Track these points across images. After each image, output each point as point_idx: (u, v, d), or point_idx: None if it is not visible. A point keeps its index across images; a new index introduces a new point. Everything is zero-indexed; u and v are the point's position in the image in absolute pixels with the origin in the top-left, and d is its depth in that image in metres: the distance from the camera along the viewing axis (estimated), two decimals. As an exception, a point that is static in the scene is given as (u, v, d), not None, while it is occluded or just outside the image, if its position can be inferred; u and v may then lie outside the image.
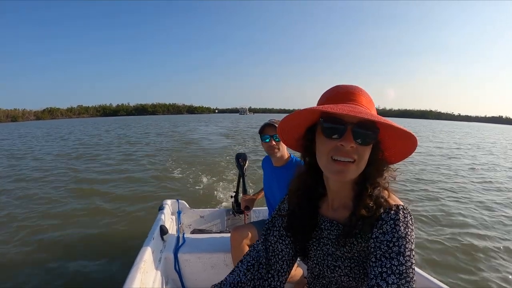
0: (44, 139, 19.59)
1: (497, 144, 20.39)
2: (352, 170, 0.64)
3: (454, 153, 13.79)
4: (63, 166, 9.00)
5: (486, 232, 4.08)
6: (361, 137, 0.62)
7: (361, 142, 0.62)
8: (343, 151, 0.62)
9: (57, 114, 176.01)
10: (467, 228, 4.22)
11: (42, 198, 5.56)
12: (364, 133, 0.62)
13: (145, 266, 1.62)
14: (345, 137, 0.62)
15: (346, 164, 0.63)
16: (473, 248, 3.60)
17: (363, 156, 0.64)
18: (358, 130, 0.61)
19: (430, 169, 8.87)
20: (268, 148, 1.82)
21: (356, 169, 0.64)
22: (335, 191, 0.74)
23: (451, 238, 3.84)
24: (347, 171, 0.63)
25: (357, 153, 0.63)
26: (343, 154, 0.62)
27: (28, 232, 3.96)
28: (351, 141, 0.61)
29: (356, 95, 0.65)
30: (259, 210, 2.71)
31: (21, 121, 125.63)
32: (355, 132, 0.61)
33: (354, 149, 0.62)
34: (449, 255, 3.43)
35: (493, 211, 5.05)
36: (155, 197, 5.42)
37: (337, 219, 0.73)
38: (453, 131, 39.18)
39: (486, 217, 4.70)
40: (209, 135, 20.91)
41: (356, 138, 0.62)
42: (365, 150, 0.63)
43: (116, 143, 15.81)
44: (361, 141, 0.62)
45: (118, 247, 3.47)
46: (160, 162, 9.50)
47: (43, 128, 38.25)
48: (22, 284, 2.82)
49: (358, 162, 0.63)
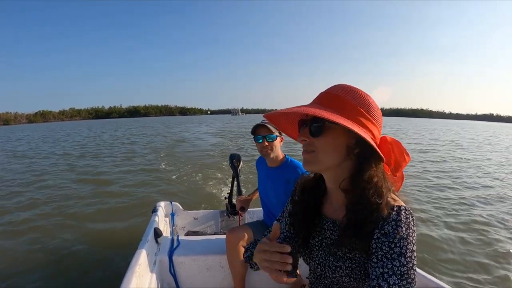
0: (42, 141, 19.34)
1: (474, 140, 21.19)
2: (312, 159, 0.69)
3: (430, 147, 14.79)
4: (54, 169, 8.89)
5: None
6: (312, 131, 0.68)
7: (312, 134, 0.68)
8: (302, 144, 0.71)
9: (50, 117, 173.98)
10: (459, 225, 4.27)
11: (32, 200, 5.51)
12: (313, 126, 0.68)
13: (140, 270, 1.60)
14: (301, 133, 0.71)
15: (306, 153, 0.70)
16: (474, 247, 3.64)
17: (321, 146, 0.68)
18: (311, 125, 0.68)
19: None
20: (262, 149, 1.80)
21: (318, 159, 0.69)
22: (331, 190, 0.75)
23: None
24: (308, 160, 0.70)
25: (313, 145, 0.68)
26: (303, 147, 0.71)
27: (19, 235, 3.91)
28: (302, 135, 0.70)
29: (323, 95, 0.71)
30: (254, 211, 2.70)
31: (13, 125, 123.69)
32: (310, 127, 0.69)
33: (308, 142, 0.69)
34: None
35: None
36: (148, 199, 5.36)
37: (338, 219, 0.74)
38: (439, 128, 39.95)
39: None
40: (201, 135, 20.92)
41: (311, 132, 0.69)
42: (320, 141, 0.68)
43: (108, 145, 15.68)
44: (312, 133, 0.68)
45: (111, 250, 3.41)
46: (153, 164, 9.43)
47: (38, 131, 37.75)
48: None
49: (317, 153, 0.68)
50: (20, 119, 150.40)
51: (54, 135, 27.34)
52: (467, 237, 3.86)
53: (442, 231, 4.00)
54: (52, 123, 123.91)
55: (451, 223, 4.32)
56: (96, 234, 3.92)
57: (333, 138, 0.67)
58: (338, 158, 0.68)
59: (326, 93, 0.70)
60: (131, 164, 9.54)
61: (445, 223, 4.29)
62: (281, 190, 1.80)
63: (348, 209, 0.69)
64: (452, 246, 3.59)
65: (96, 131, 31.64)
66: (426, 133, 27.01)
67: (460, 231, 4.03)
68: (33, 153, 13.34)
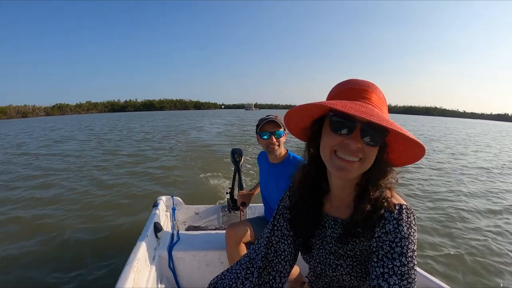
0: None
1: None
2: (356, 169, 0.62)
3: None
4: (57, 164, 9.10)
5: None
6: (369, 137, 0.60)
7: (369, 142, 0.60)
8: (349, 149, 0.60)
9: (67, 110, 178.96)
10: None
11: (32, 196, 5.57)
12: (372, 133, 0.59)
13: (139, 265, 1.59)
14: (353, 136, 0.60)
15: (350, 162, 0.61)
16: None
17: (369, 156, 0.62)
18: (367, 130, 0.59)
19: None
20: (268, 145, 1.77)
21: (360, 169, 0.63)
22: (338, 188, 0.72)
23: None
24: (351, 169, 0.61)
25: (363, 153, 0.61)
26: (348, 152, 0.60)
27: (17, 229, 3.97)
28: (358, 140, 0.59)
29: (369, 93, 0.63)
30: (255, 206, 2.67)
31: (31, 117, 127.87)
32: (364, 131, 0.59)
33: (360, 148, 0.60)
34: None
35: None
36: (149, 194, 5.38)
37: (341, 217, 0.73)
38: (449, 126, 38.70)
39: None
40: (208, 129, 21.06)
41: (364, 137, 0.59)
42: (371, 150, 0.61)
43: (115, 139, 15.95)
44: (369, 141, 0.60)
45: (111, 245, 3.41)
46: (155, 158, 9.48)
47: (59, 123, 38.69)
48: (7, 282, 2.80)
49: (363, 162, 0.62)
50: (38, 112, 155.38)
51: (59, 128, 28.02)
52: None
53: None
54: (69, 115, 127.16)
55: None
56: (95, 229, 3.90)
57: (377, 147, 0.63)
58: (370, 165, 0.64)
59: (372, 91, 0.63)
60: (132, 157, 9.63)
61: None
62: (282, 186, 1.75)
63: (356, 205, 0.67)
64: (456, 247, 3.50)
65: (112, 124, 32.18)
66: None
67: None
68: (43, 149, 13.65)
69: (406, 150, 0.65)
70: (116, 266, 2.73)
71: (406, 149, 0.65)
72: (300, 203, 0.76)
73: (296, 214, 0.77)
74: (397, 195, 0.67)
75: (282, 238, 0.78)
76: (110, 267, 2.88)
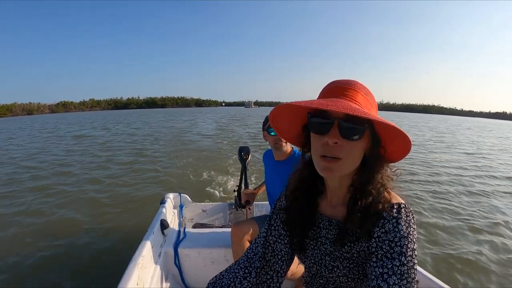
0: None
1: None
2: (339, 167, 0.61)
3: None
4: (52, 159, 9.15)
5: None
6: (347, 132, 0.59)
7: (348, 137, 0.59)
8: (329, 148, 0.60)
9: (71, 107, 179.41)
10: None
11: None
12: (351, 127, 0.58)
13: (144, 261, 1.60)
14: (331, 132, 0.59)
15: (332, 161, 0.60)
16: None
17: (352, 152, 0.61)
18: (344, 124, 0.58)
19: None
20: (275, 141, 1.77)
21: (344, 166, 0.61)
22: (332, 188, 0.72)
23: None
24: (334, 168, 0.61)
25: (343, 150, 0.60)
26: (329, 151, 0.60)
27: (23, 222, 4.02)
28: (334, 137, 0.59)
29: (349, 89, 0.62)
30: (262, 204, 2.67)
31: (36, 114, 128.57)
32: (342, 126, 0.59)
33: (339, 145, 0.59)
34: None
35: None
36: (157, 191, 5.41)
37: (336, 217, 0.71)
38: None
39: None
40: (213, 128, 21.09)
41: (342, 133, 0.59)
42: (353, 146, 0.60)
43: (122, 137, 16.02)
44: (347, 135, 0.59)
45: (117, 242, 3.42)
46: (163, 155, 9.51)
47: (67, 120, 39.00)
48: (15, 276, 2.82)
49: (346, 159, 0.60)
50: (43, 109, 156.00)
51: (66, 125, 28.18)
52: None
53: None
54: (73, 113, 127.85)
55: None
56: (102, 225, 3.93)
57: (363, 142, 0.61)
58: (358, 162, 0.64)
59: (353, 87, 0.62)
60: (141, 155, 9.67)
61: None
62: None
63: (350, 206, 0.66)
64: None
65: (114, 122, 32.34)
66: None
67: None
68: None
69: (394, 142, 0.64)
70: (122, 263, 2.73)
71: (394, 142, 0.63)
72: (295, 203, 0.76)
73: (291, 214, 0.76)
74: (395, 194, 0.66)
75: (279, 238, 0.78)
76: (116, 264, 2.85)
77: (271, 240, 0.78)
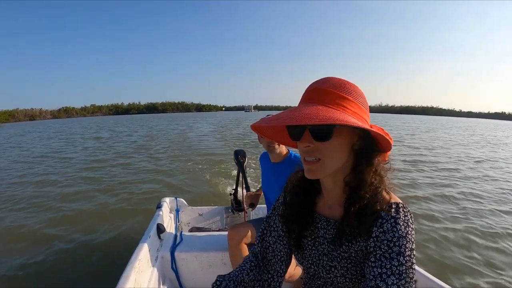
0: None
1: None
2: (321, 168, 0.63)
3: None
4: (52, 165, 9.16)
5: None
6: (317, 135, 0.61)
7: (320, 139, 0.61)
8: (307, 150, 0.63)
9: (72, 113, 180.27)
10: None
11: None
12: (319, 129, 0.60)
13: (140, 265, 1.59)
14: (303, 138, 0.62)
15: (312, 162, 0.63)
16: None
17: (330, 151, 0.62)
18: (315, 128, 0.60)
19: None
20: (268, 144, 1.78)
21: (327, 166, 0.63)
22: (328, 188, 0.72)
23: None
24: (313, 169, 0.63)
25: (320, 151, 0.62)
26: (308, 154, 0.63)
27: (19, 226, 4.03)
28: (305, 141, 0.62)
29: (317, 92, 0.62)
30: (258, 207, 2.66)
31: (38, 120, 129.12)
32: (313, 130, 0.61)
33: (315, 147, 0.61)
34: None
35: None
36: (153, 195, 5.40)
37: (334, 217, 0.72)
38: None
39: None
40: (208, 132, 21.19)
41: (314, 136, 0.61)
42: (329, 145, 0.61)
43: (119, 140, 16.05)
44: (319, 138, 0.61)
45: (114, 246, 3.41)
46: (159, 159, 9.53)
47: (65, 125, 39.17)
48: (10, 280, 2.81)
49: (326, 159, 0.62)
50: (45, 115, 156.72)
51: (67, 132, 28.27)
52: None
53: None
54: (75, 118, 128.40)
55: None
56: (98, 229, 3.90)
57: (340, 139, 0.62)
58: (343, 159, 0.64)
59: (321, 89, 0.62)
60: (136, 158, 9.69)
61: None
62: (284, 186, 1.75)
63: (346, 206, 0.66)
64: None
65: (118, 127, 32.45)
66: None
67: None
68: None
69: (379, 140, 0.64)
70: (118, 267, 2.74)
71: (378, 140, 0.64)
72: (293, 200, 0.77)
73: (289, 210, 0.78)
74: (393, 194, 0.67)
75: (278, 238, 0.79)
76: (112, 268, 2.85)
77: (270, 241, 0.80)
